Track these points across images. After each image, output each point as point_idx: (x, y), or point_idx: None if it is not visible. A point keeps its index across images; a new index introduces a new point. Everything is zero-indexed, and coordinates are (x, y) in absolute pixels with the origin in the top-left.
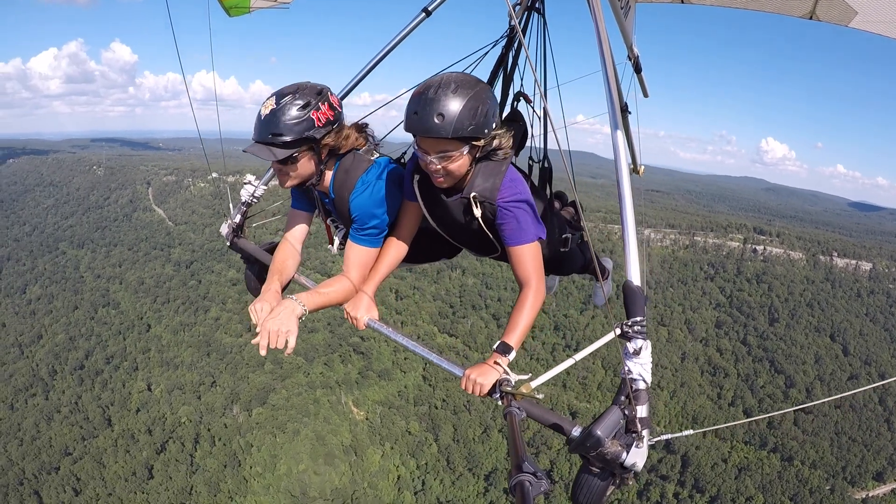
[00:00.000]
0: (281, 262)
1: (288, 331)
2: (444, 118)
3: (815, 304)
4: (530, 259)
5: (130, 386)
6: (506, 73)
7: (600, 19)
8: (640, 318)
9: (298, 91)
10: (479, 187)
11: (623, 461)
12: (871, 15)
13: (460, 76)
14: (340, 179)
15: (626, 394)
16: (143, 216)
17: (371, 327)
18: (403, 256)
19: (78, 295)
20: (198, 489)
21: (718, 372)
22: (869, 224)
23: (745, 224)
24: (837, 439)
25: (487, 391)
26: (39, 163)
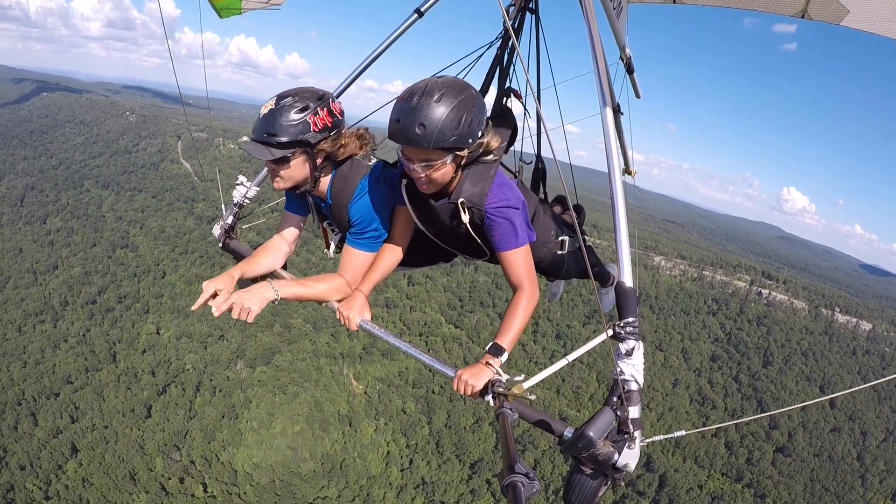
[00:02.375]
0: (255, 254)
1: (249, 310)
2: (426, 128)
3: (811, 354)
4: (521, 263)
5: (140, 327)
6: (501, 73)
7: (592, 20)
8: (632, 319)
9: (299, 94)
10: (467, 192)
11: (615, 462)
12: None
13: (446, 82)
14: (338, 185)
15: (618, 395)
16: (169, 167)
17: (363, 328)
18: (399, 260)
19: (98, 233)
20: (193, 434)
21: (707, 403)
22: (877, 288)
23: (755, 266)
24: (811, 486)
25: (479, 392)
26: (72, 100)
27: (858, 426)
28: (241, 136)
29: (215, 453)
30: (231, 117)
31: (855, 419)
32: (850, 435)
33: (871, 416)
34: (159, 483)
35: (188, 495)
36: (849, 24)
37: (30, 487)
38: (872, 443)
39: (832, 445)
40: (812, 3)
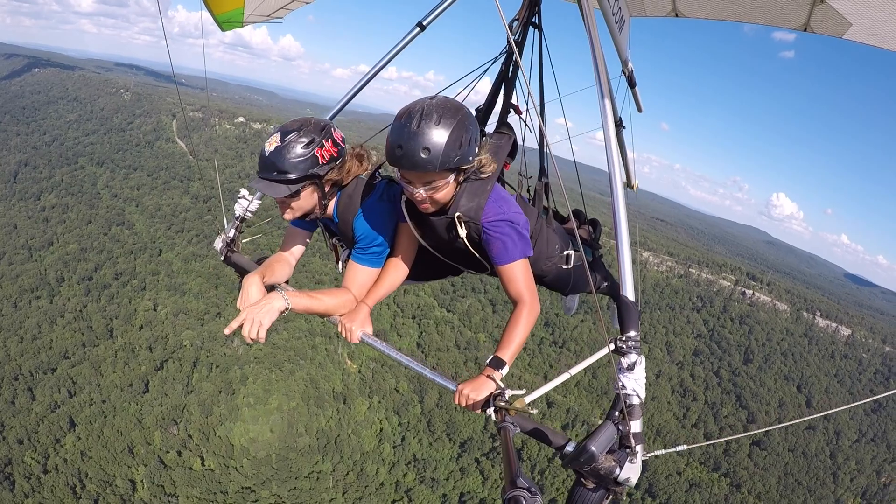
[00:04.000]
0: (270, 263)
1: (261, 323)
2: (431, 152)
3: (790, 355)
4: (520, 277)
5: (136, 304)
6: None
7: (594, 33)
8: (634, 334)
9: (302, 128)
10: (464, 207)
11: (617, 476)
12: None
13: (441, 104)
14: (344, 204)
15: (619, 409)
16: (165, 146)
17: (364, 342)
18: (404, 277)
19: (93, 210)
20: (191, 409)
21: (688, 394)
22: (859, 297)
23: (740, 267)
24: (785, 479)
25: (481, 406)
26: (65, 77)
27: (833, 426)
28: (236, 116)
29: (212, 428)
30: (224, 98)
31: (829, 419)
32: (825, 434)
33: (845, 417)
34: (157, 456)
35: (186, 468)
36: (851, 37)
37: (28, 461)
38: (845, 442)
39: (806, 442)
40: (814, 16)
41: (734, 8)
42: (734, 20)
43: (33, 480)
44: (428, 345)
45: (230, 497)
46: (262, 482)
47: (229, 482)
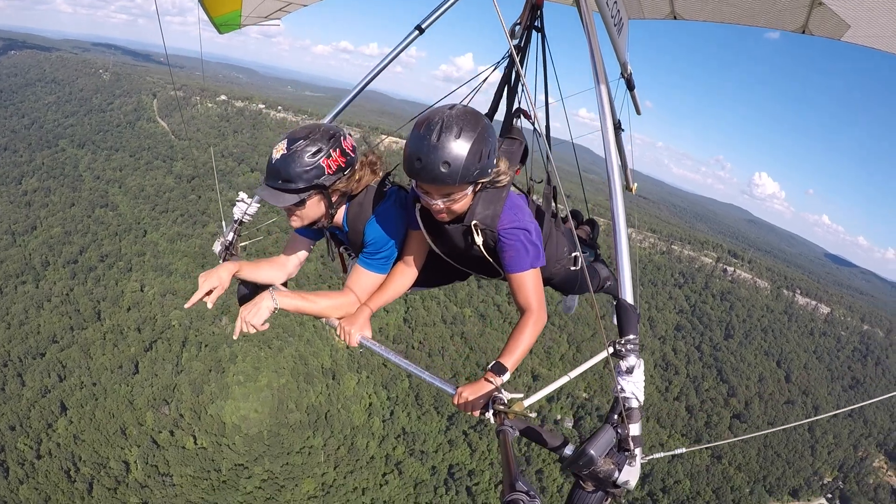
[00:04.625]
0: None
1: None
2: (451, 166)
3: (770, 331)
4: (530, 286)
5: (123, 285)
6: (510, 91)
7: (593, 36)
8: (633, 337)
9: (310, 136)
10: (480, 215)
11: (615, 479)
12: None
13: (461, 115)
14: (354, 212)
15: (618, 412)
16: (146, 126)
17: (363, 345)
18: (409, 285)
19: (76, 192)
20: (181, 388)
21: (670, 368)
22: (839, 276)
23: (721, 245)
24: (764, 451)
25: (480, 409)
26: (42, 59)
27: (811, 400)
28: (217, 95)
29: (204, 406)
30: (205, 76)
31: (808, 394)
32: (803, 408)
33: (823, 393)
34: (150, 437)
35: (179, 447)
36: (849, 39)
37: (21, 447)
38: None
39: (786, 416)
40: (813, 18)
41: (732, 10)
42: (733, 22)
43: (27, 466)
44: (414, 320)
45: (223, 474)
46: (255, 458)
47: (222, 460)
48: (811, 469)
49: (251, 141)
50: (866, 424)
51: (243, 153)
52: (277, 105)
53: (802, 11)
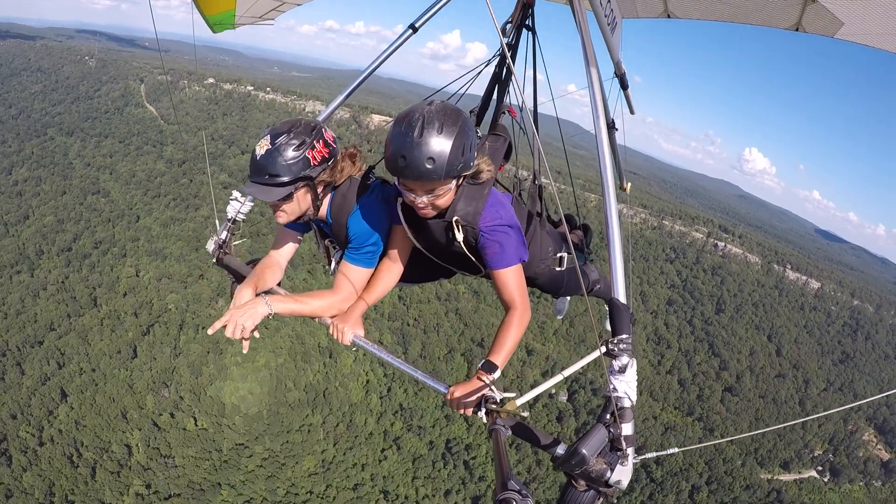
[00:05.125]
0: (261, 270)
1: (244, 327)
2: (436, 162)
3: (761, 305)
4: (513, 281)
5: (118, 271)
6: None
7: (587, 36)
8: (625, 336)
9: (293, 130)
10: (462, 211)
11: (607, 479)
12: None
13: (441, 110)
14: (338, 205)
15: (611, 412)
16: (134, 111)
17: (355, 343)
18: (397, 280)
19: (67, 180)
20: (180, 371)
21: (662, 342)
22: (829, 252)
23: (712, 220)
24: (756, 424)
25: (472, 408)
26: (26, 48)
27: (802, 374)
28: (205, 78)
29: (203, 388)
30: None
31: (799, 368)
32: (794, 382)
33: (813, 367)
34: (151, 420)
35: (180, 429)
36: (843, 36)
37: (23, 436)
38: (814, 391)
39: (776, 389)
40: (806, 15)
41: (726, 9)
42: (726, 21)
43: (30, 454)
44: (409, 297)
45: (225, 454)
46: (256, 437)
47: (223, 440)
48: (802, 442)
49: (241, 123)
50: (856, 398)
51: (233, 136)
52: (266, 86)
53: (796, 9)
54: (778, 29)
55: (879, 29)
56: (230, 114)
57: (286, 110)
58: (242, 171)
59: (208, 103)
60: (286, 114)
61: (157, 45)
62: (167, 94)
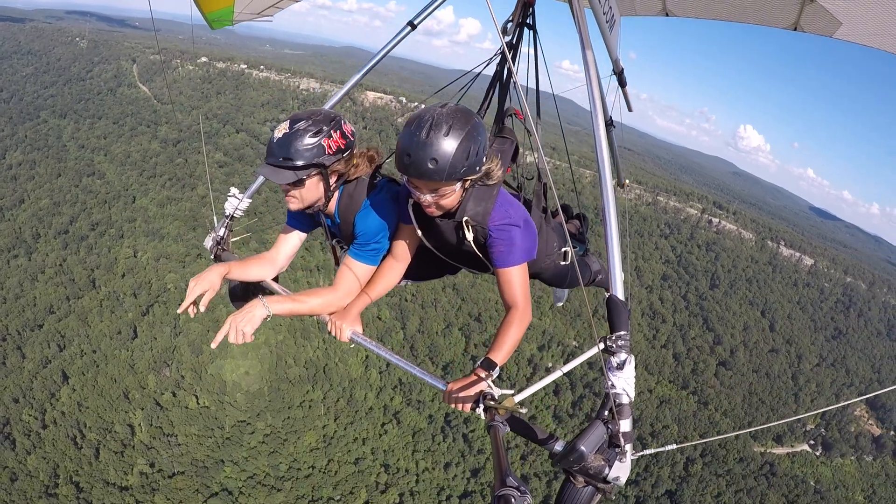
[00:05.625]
0: (246, 260)
1: (244, 333)
2: (438, 163)
3: (755, 281)
4: (517, 281)
5: (116, 252)
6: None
7: (585, 34)
8: (623, 333)
9: (312, 118)
10: (471, 211)
11: (606, 476)
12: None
13: (452, 114)
14: (345, 203)
15: (609, 408)
16: (127, 92)
17: (353, 340)
18: (398, 279)
19: (61, 163)
20: (181, 350)
21: (657, 317)
22: (823, 229)
23: (707, 196)
24: (749, 398)
25: (470, 405)
26: (16, 30)
27: (795, 350)
28: (198, 57)
29: (204, 366)
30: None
31: (792, 343)
32: (787, 357)
33: (806, 343)
34: (153, 399)
35: (182, 407)
36: (841, 36)
37: (26, 419)
38: (806, 366)
39: (770, 364)
40: (804, 15)
41: (724, 8)
42: (724, 20)
43: (33, 437)
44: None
45: (227, 431)
46: (257, 414)
47: (225, 417)
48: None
49: (235, 102)
50: (848, 374)
51: (228, 114)
52: (259, 64)
53: (794, 8)
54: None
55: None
56: (224, 92)
57: (280, 88)
58: (238, 149)
59: (202, 82)
60: (280, 91)
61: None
62: (160, 74)
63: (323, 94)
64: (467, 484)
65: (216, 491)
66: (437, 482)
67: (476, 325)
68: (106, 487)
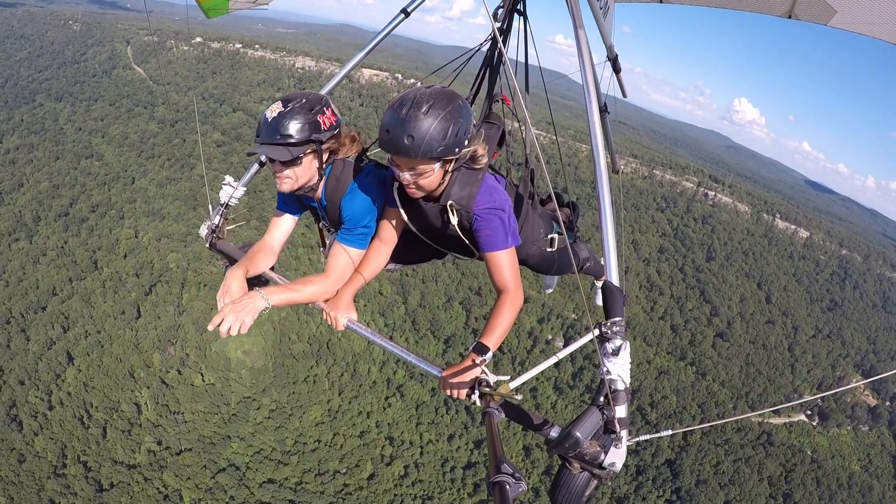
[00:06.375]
0: (252, 254)
1: (242, 323)
2: (414, 139)
3: (751, 254)
4: (506, 265)
5: (117, 233)
6: (491, 74)
7: (579, 20)
8: (618, 319)
9: (304, 97)
10: (456, 195)
11: (601, 462)
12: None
13: (434, 93)
14: (332, 186)
15: (604, 394)
16: (122, 74)
17: (349, 328)
18: (385, 262)
19: (59, 146)
20: (185, 328)
21: (654, 289)
22: (818, 203)
23: (702, 170)
24: (746, 368)
25: (466, 392)
26: (8, 15)
27: (791, 321)
28: (193, 37)
29: (208, 344)
30: (174, 19)
31: (788, 315)
32: (783, 328)
33: (802, 314)
34: (159, 377)
35: (188, 385)
36: (836, 24)
37: (32, 401)
38: (802, 337)
39: (766, 335)
40: (798, 4)
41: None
42: (719, 7)
43: (40, 418)
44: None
45: (233, 408)
46: (262, 390)
47: (231, 394)
48: (791, 387)
49: (231, 81)
50: (844, 346)
51: (224, 94)
52: (254, 44)
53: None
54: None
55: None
56: (220, 72)
57: (276, 67)
58: (235, 129)
59: (197, 62)
60: (276, 70)
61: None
62: (155, 56)
63: (319, 72)
64: (470, 455)
65: (224, 466)
66: (441, 454)
67: (476, 298)
68: (114, 466)
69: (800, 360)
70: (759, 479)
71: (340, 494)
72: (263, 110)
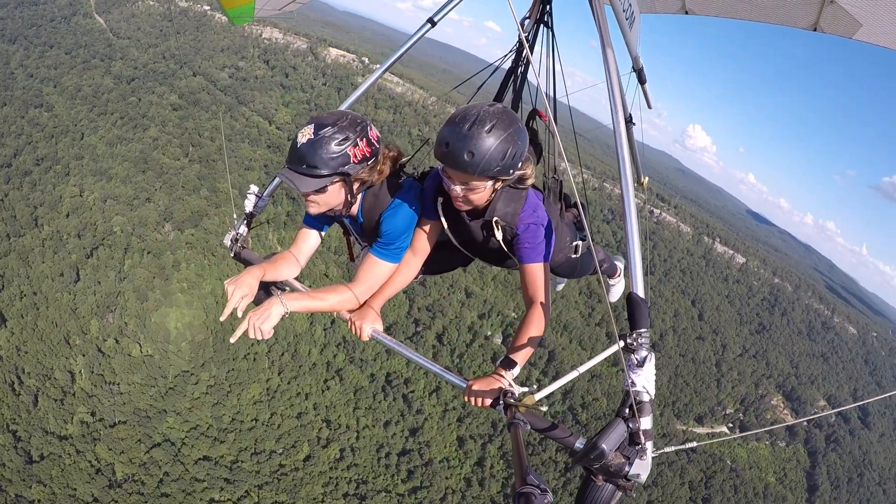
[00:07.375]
0: (274, 259)
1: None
2: (474, 156)
3: (688, 272)
4: (540, 278)
5: (61, 190)
6: (515, 85)
7: (605, 31)
8: (644, 330)
9: (338, 123)
10: (501, 212)
11: (626, 473)
12: (875, 27)
13: (497, 113)
14: (370, 203)
15: (629, 406)
16: (82, 22)
17: (375, 339)
18: (416, 273)
19: (8, 91)
20: (125, 296)
21: (594, 296)
22: (757, 233)
23: (650, 188)
24: (675, 379)
25: (490, 403)
26: None
27: (720, 339)
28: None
29: (148, 314)
30: None
31: (718, 333)
32: (713, 345)
33: (731, 334)
34: (95, 345)
35: (126, 355)
36: (861, 37)
37: None
38: (730, 355)
39: (696, 350)
40: (824, 16)
41: (744, 7)
42: (744, 19)
43: None
44: None
45: (170, 381)
46: (202, 364)
47: (169, 366)
48: (716, 399)
49: (194, 44)
50: (768, 366)
51: (186, 55)
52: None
53: (814, 9)
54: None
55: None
56: (184, 33)
57: (242, 35)
58: (194, 94)
59: (161, 19)
60: (242, 38)
61: None
62: (118, 6)
63: (286, 45)
64: (406, 442)
65: (158, 441)
66: (377, 439)
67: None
68: (45, 436)
69: (726, 375)
70: (681, 482)
71: (276, 474)
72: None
